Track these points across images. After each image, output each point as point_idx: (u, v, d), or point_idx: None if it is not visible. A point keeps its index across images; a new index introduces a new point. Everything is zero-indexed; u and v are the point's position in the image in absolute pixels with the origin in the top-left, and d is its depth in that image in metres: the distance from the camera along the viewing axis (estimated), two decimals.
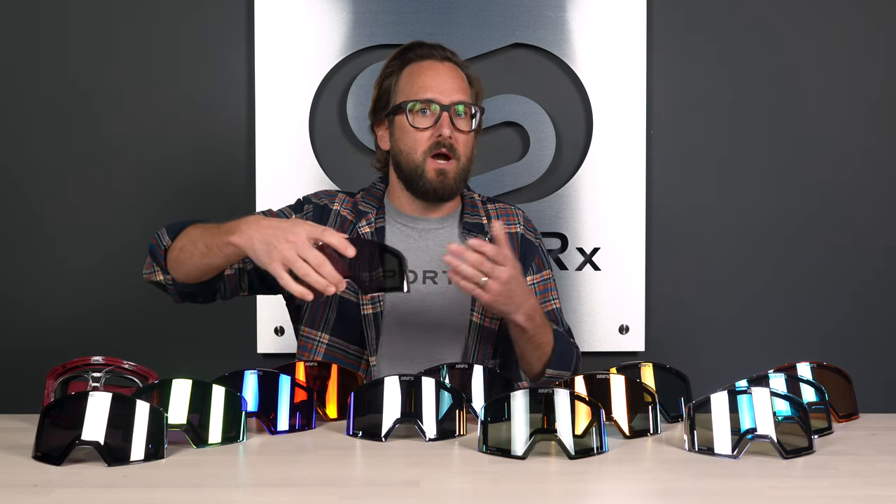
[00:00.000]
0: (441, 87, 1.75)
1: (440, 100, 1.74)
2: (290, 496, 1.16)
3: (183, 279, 1.67)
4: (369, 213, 1.82)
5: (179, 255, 1.64)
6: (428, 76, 1.77)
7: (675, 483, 1.22)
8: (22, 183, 2.42)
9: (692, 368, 1.65)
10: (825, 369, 1.56)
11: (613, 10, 2.44)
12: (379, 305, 1.75)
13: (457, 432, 1.40)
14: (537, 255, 1.88)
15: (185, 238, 1.64)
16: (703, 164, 2.49)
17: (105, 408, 1.25)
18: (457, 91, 1.76)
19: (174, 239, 1.66)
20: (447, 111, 1.74)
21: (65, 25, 2.41)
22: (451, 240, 1.83)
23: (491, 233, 1.65)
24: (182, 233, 1.66)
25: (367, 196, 1.86)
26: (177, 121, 2.43)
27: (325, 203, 1.83)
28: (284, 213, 1.81)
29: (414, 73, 1.78)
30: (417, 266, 1.79)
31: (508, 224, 1.88)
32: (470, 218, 1.85)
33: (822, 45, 2.49)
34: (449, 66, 1.79)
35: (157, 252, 1.67)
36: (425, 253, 1.81)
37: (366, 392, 1.42)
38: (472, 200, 1.89)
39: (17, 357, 2.41)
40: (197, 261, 1.61)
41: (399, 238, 1.81)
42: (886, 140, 2.50)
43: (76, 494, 1.14)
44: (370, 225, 1.80)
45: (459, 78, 1.79)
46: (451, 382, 1.49)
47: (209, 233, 1.60)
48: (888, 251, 2.51)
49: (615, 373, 1.48)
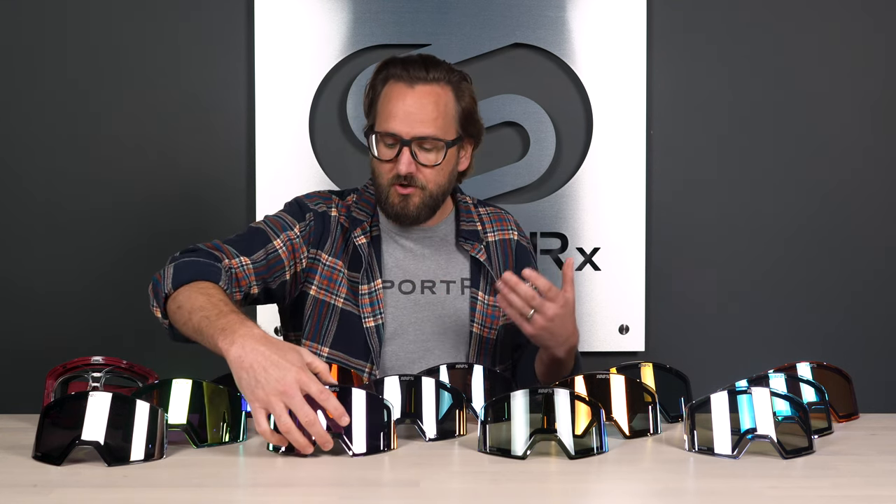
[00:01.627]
0: (404, 119, 1.68)
1: (402, 133, 1.68)
2: (290, 496, 1.16)
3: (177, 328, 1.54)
4: (364, 221, 1.78)
5: (177, 313, 1.51)
6: (396, 104, 1.69)
7: (675, 483, 1.22)
8: (21, 182, 2.42)
9: (692, 368, 1.65)
10: (825, 369, 1.56)
11: (613, 10, 2.43)
12: (380, 318, 1.74)
13: (457, 432, 1.40)
14: (531, 262, 1.89)
15: (184, 298, 1.50)
16: (703, 165, 2.49)
17: (105, 408, 1.25)
18: (422, 123, 1.68)
19: (176, 288, 1.53)
20: (408, 146, 1.68)
21: (65, 25, 2.41)
22: (446, 246, 1.82)
23: (565, 272, 1.61)
24: (186, 287, 1.52)
25: (360, 202, 1.82)
26: (177, 121, 2.43)
27: (324, 210, 1.79)
28: (286, 220, 1.76)
29: (385, 98, 1.72)
30: (415, 276, 1.78)
31: (502, 230, 1.87)
32: (465, 225, 1.83)
33: (822, 45, 2.49)
34: (421, 90, 1.69)
35: (158, 293, 1.56)
36: (422, 262, 1.80)
37: None
38: (465, 205, 1.87)
39: (17, 357, 2.41)
40: (189, 332, 1.48)
41: (394, 248, 1.80)
42: (886, 140, 2.50)
43: (76, 494, 1.14)
44: (365, 235, 1.77)
45: (432, 105, 1.69)
46: (451, 382, 1.49)
47: (205, 314, 1.44)
48: (888, 251, 2.51)
49: (615, 373, 1.48)
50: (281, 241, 1.73)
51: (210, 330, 1.40)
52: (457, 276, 1.81)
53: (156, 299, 1.57)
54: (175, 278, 1.54)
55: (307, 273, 1.77)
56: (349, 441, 1.29)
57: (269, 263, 1.71)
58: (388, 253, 1.79)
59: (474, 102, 1.78)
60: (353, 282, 1.75)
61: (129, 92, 2.41)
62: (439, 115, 1.70)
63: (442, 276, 1.80)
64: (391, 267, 1.78)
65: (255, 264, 1.69)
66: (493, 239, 1.86)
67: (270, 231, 1.74)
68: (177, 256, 1.62)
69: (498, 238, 1.86)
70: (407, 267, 1.79)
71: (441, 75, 1.72)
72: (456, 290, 1.79)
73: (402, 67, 1.71)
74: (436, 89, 1.71)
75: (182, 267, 1.56)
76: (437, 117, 1.70)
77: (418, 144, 1.69)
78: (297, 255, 1.74)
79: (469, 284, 1.80)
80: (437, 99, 1.71)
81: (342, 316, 1.75)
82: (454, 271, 1.81)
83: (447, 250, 1.82)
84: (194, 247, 1.67)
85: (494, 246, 1.85)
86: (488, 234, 1.86)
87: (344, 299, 1.75)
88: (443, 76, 1.72)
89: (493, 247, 1.85)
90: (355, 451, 1.29)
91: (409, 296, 1.78)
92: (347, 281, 1.76)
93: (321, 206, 1.80)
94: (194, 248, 1.66)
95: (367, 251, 1.75)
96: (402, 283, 1.78)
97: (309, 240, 1.76)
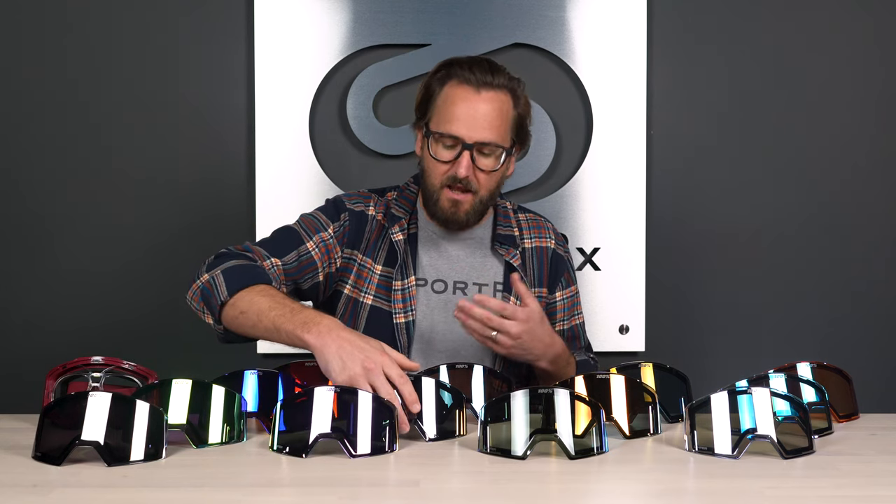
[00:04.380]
0: (469, 123, 1.68)
1: (465, 137, 1.68)
2: (290, 496, 1.16)
3: (236, 332, 1.61)
4: (402, 218, 1.80)
5: (238, 318, 1.57)
6: (460, 107, 1.69)
7: (675, 483, 1.22)
8: (21, 183, 2.42)
9: (692, 368, 1.65)
10: (825, 369, 1.56)
11: (613, 10, 2.43)
12: (412, 314, 1.75)
13: (457, 432, 1.40)
14: (567, 270, 1.89)
15: (247, 304, 1.56)
16: (703, 165, 2.49)
17: (105, 408, 1.25)
18: (486, 128, 1.68)
19: (232, 295, 1.58)
20: (469, 150, 1.68)
21: (65, 25, 2.41)
22: (482, 249, 1.82)
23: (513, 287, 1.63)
24: (243, 293, 1.58)
25: (400, 198, 1.83)
26: (176, 121, 2.43)
27: (362, 209, 1.80)
28: (320, 221, 1.77)
29: (449, 100, 1.71)
30: (448, 276, 1.79)
31: (539, 238, 1.87)
32: (502, 230, 1.83)
33: (822, 45, 2.49)
34: (486, 95, 1.69)
35: (211, 302, 1.60)
36: (456, 263, 1.80)
37: None
38: (504, 210, 1.87)
39: (17, 357, 2.41)
40: (259, 333, 1.56)
41: (430, 247, 1.81)
42: (887, 140, 2.50)
43: (76, 494, 1.14)
44: (403, 231, 1.78)
45: (495, 111, 1.70)
46: (452, 382, 1.49)
47: (279, 312, 1.51)
48: (888, 251, 2.51)
49: (615, 373, 1.48)
50: (314, 244, 1.75)
51: (289, 326, 1.49)
52: (490, 279, 1.81)
53: (208, 308, 1.61)
54: (229, 286, 1.59)
55: (342, 272, 1.78)
56: (351, 445, 1.29)
57: (301, 265, 1.73)
58: (424, 252, 1.80)
59: (529, 108, 1.78)
60: (388, 277, 1.76)
61: (128, 92, 2.41)
62: (502, 123, 1.71)
63: (475, 278, 1.80)
64: (425, 265, 1.79)
65: (286, 265, 1.71)
66: (530, 246, 1.86)
67: (304, 232, 1.76)
68: (215, 262, 1.65)
69: (535, 245, 1.86)
70: (441, 267, 1.80)
71: (504, 81, 1.72)
72: (488, 293, 1.79)
73: (469, 70, 1.70)
74: (500, 95, 1.71)
75: (231, 273, 1.61)
76: (500, 125, 1.71)
77: (478, 149, 1.69)
78: (331, 255, 1.76)
79: (502, 289, 1.80)
80: (501, 105, 1.71)
81: (371, 312, 1.76)
82: (488, 274, 1.81)
83: (482, 253, 1.82)
84: (226, 251, 1.69)
85: (530, 253, 1.85)
86: (525, 241, 1.86)
87: (374, 296, 1.76)
88: (506, 82, 1.72)
89: (529, 253, 1.85)
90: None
91: (441, 295, 1.78)
92: (381, 277, 1.77)
93: (359, 205, 1.81)
94: (227, 251, 1.68)
95: (402, 248, 1.77)
96: (435, 283, 1.78)
97: (343, 240, 1.78)
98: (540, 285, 1.84)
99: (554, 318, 1.84)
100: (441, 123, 1.70)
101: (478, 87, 1.69)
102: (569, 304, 1.87)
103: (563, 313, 1.86)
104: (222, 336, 1.65)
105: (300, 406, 1.32)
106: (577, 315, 1.89)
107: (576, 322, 1.89)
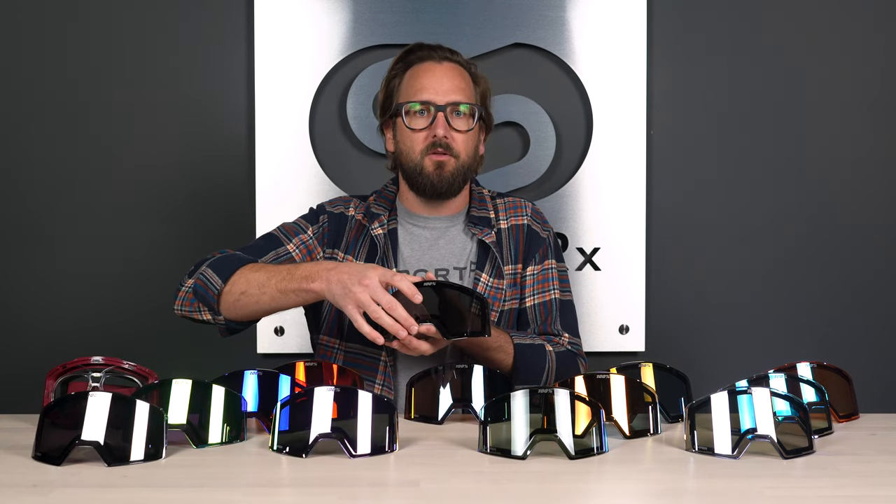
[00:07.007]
0: (437, 88, 1.77)
1: (435, 100, 1.76)
2: (290, 496, 1.16)
3: (238, 319, 1.67)
4: (381, 214, 1.83)
5: (240, 299, 1.63)
6: (425, 77, 1.78)
7: (675, 483, 1.22)
8: (21, 183, 2.42)
9: (692, 368, 1.65)
10: (825, 369, 1.56)
11: (613, 10, 2.43)
12: None
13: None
14: (542, 247, 1.88)
15: (245, 283, 1.63)
16: (703, 164, 2.49)
17: (105, 408, 1.25)
18: (454, 91, 1.77)
19: (226, 281, 1.64)
20: (442, 111, 1.76)
21: (65, 25, 2.41)
22: (458, 234, 1.85)
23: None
24: (236, 275, 1.64)
25: (380, 198, 1.88)
26: (177, 121, 2.43)
27: (341, 210, 1.85)
28: (300, 225, 1.82)
29: (413, 76, 1.80)
30: (429, 265, 1.81)
31: (516, 216, 1.89)
32: (477, 212, 1.86)
33: (822, 45, 2.49)
34: (448, 65, 1.80)
35: (207, 295, 1.65)
36: (437, 252, 1.82)
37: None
38: (480, 195, 1.90)
39: (17, 357, 2.41)
40: (264, 306, 1.63)
41: (410, 238, 1.83)
42: (886, 140, 2.50)
43: (76, 494, 1.14)
44: (382, 227, 1.81)
45: (459, 77, 1.80)
46: (452, 382, 1.50)
47: (279, 277, 1.60)
48: (888, 251, 2.51)
49: (615, 373, 1.48)
50: (294, 245, 1.79)
51: (293, 285, 1.58)
52: (466, 261, 1.82)
53: (204, 303, 1.66)
54: (220, 274, 1.65)
55: None
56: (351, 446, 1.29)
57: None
58: (405, 243, 1.82)
59: (489, 91, 1.88)
60: None
61: (128, 92, 2.41)
62: (467, 86, 1.81)
63: (454, 263, 1.82)
64: (406, 256, 1.82)
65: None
66: (506, 225, 1.87)
67: (283, 236, 1.81)
68: (194, 269, 1.69)
69: (511, 224, 1.88)
70: (422, 256, 1.82)
71: (463, 61, 1.84)
72: (468, 276, 1.81)
73: (428, 49, 1.82)
74: (460, 68, 1.82)
75: (218, 264, 1.67)
76: (466, 87, 1.80)
77: (452, 110, 1.77)
78: (312, 255, 1.81)
79: (475, 267, 1.81)
80: (463, 74, 1.82)
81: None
82: (464, 257, 1.83)
83: (459, 238, 1.84)
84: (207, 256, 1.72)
85: (507, 232, 1.87)
86: (501, 222, 1.87)
87: None
88: (464, 62, 1.84)
89: (506, 233, 1.86)
90: (359, 452, 1.29)
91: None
92: None
93: (338, 208, 1.86)
94: (208, 256, 1.72)
95: (382, 241, 1.79)
96: (418, 272, 1.79)
97: (323, 240, 1.82)
98: (515, 262, 1.85)
99: (523, 293, 1.85)
100: (410, 95, 1.78)
101: (440, 59, 1.81)
102: (539, 278, 1.86)
103: (532, 288, 1.85)
104: (224, 327, 1.69)
105: (300, 406, 1.32)
106: (552, 291, 1.85)
107: (549, 297, 1.85)
